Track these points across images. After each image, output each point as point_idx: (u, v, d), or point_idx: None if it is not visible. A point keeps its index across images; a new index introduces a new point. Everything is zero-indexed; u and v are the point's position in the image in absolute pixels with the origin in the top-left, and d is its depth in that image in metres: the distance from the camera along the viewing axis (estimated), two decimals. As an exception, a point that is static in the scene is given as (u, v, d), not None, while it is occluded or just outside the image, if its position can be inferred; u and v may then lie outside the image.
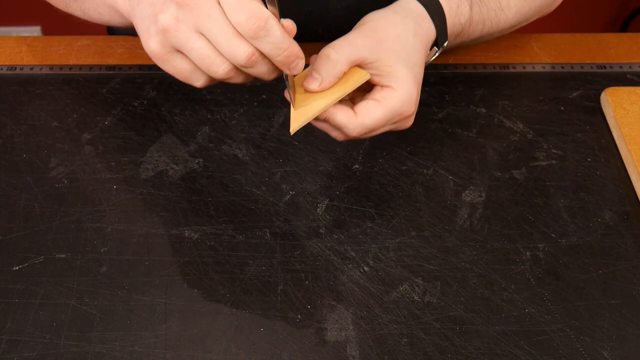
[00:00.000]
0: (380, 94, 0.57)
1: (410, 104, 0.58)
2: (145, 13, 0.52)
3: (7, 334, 0.54)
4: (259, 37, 0.48)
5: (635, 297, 0.57)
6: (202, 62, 0.51)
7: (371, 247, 0.60)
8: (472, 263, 0.59)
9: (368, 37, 0.58)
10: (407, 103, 0.58)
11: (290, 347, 0.54)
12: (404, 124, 0.60)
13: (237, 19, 0.48)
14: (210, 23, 0.49)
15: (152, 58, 0.53)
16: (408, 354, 0.53)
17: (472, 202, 0.64)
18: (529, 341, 0.54)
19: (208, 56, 0.50)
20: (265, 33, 0.48)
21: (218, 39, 0.49)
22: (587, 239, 0.61)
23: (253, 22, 0.48)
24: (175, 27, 0.50)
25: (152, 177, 0.66)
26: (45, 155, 0.68)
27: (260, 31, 0.48)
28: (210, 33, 0.49)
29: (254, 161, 0.67)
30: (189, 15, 0.49)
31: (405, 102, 0.57)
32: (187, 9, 0.49)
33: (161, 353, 0.53)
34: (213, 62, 0.51)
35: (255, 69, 0.51)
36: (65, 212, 0.63)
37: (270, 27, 0.48)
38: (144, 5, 0.52)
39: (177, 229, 0.61)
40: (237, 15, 0.48)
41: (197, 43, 0.50)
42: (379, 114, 0.57)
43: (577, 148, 0.69)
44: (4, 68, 0.77)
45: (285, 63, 0.51)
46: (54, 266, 0.59)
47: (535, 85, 0.76)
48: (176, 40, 0.51)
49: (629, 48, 0.81)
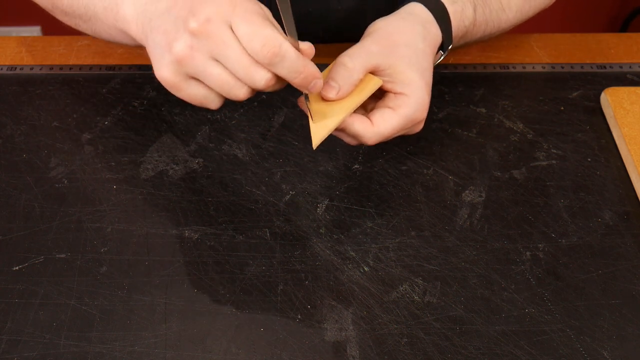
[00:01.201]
0: (395, 102, 0.57)
1: (423, 110, 0.58)
2: (158, 41, 0.52)
3: (7, 334, 0.54)
4: (275, 63, 0.49)
5: (635, 297, 0.57)
6: (221, 87, 0.51)
7: (371, 247, 0.60)
8: (472, 263, 0.59)
9: (380, 44, 0.59)
10: (420, 109, 0.58)
11: (290, 347, 0.54)
12: (415, 129, 0.61)
13: (252, 47, 0.48)
14: (226, 51, 0.49)
15: (165, 86, 0.53)
16: (408, 354, 0.53)
17: (472, 202, 0.64)
18: (529, 341, 0.54)
19: (227, 82, 0.51)
20: (281, 59, 0.49)
21: (235, 67, 0.50)
22: (587, 239, 0.61)
23: (268, 50, 0.48)
24: (190, 56, 0.50)
25: (152, 177, 0.66)
26: (45, 155, 0.68)
27: (276, 57, 0.48)
28: (227, 61, 0.49)
29: (254, 161, 0.67)
30: (204, 42, 0.49)
31: (418, 109, 0.58)
32: (201, 37, 0.49)
33: (161, 353, 0.53)
34: (233, 87, 0.51)
35: (274, 88, 0.52)
36: (65, 212, 0.63)
37: (284, 52, 0.48)
38: (157, 33, 0.52)
39: (177, 229, 0.61)
40: (252, 44, 0.48)
41: (215, 70, 0.50)
42: (394, 122, 0.57)
43: (577, 148, 0.69)
44: (4, 68, 0.78)
45: (303, 85, 0.51)
46: (54, 266, 0.59)
47: (535, 85, 0.76)
48: (192, 69, 0.51)
49: (629, 48, 0.81)
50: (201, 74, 0.51)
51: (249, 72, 0.49)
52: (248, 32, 0.48)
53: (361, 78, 0.57)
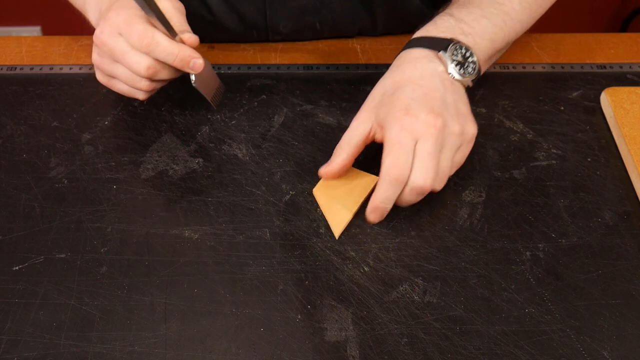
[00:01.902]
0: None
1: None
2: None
3: (7, 334, 0.54)
4: (152, 50, 0.61)
5: (635, 297, 0.57)
6: (127, 81, 0.64)
7: (371, 247, 0.60)
8: (472, 263, 0.59)
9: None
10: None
11: (290, 347, 0.54)
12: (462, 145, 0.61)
13: (132, 42, 0.61)
14: (117, 53, 0.62)
15: (104, 85, 0.68)
16: (408, 354, 0.53)
17: (472, 202, 0.64)
18: (529, 341, 0.54)
19: (129, 77, 0.64)
20: (155, 45, 0.61)
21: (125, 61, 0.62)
22: (587, 239, 0.61)
23: (143, 41, 0.61)
24: (101, 61, 0.65)
25: (152, 177, 0.66)
26: (45, 155, 0.68)
27: (151, 45, 0.61)
28: (121, 60, 0.63)
29: (254, 161, 0.67)
30: (104, 50, 0.63)
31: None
32: (101, 46, 0.63)
33: (161, 353, 0.53)
34: (135, 80, 0.64)
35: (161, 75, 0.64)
36: (65, 212, 0.63)
37: (157, 40, 0.61)
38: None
39: (177, 229, 0.61)
40: (132, 40, 0.61)
41: (119, 69, 0.64)
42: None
43: (577, 148, 0.69)
44: (4, 68, 0.78)
45: (183, 65, 0.63)
46: (54, 266, 0.59)
47: (535, 85, 0.76)
48: (106, 72, 0.65)
49: (629, 48, 0.81)
50: (114, 74, 0.65)
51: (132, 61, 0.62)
52: (127, 32, 0.61)
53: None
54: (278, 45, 0.81)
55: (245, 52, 0.80)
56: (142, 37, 0.61)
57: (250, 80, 0.76)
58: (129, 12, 0.62)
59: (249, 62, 0.79)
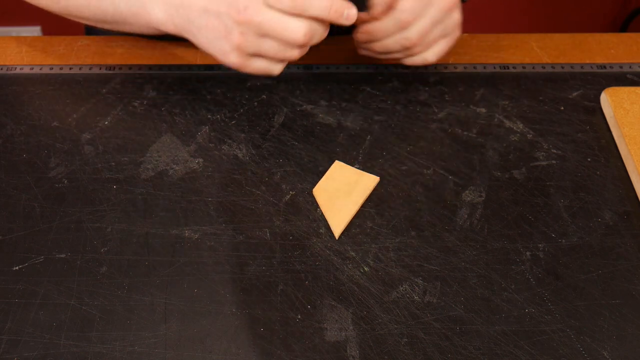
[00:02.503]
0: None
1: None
2: (212, 37, 0.62)
3: (7, 334, 0.54)
4: (306, 8, 0.58)
5: (635, 297, 0.57)
6: (276, 55, 0.62)
7: (371, 247, 0.60)
8: (472, 263, 0.59)
9: None
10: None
11: (290, 347, 0.54)
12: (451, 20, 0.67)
13: (284, 6, 0.58)
14: (266, 25, 0.59)
15: (234, 68, 0.64)
16: (408, 354, 0.53)
17: (472, 202, 0.64)
18: (529, 341, 0.54)
19: (279, 49, 0.61)
20: (310, 3, 0.58)
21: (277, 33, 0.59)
22: (587, 239, 0.61)
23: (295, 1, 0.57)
24: (245, 40, 0.60)
25: (152, 177, 0.66)
26: (45, 155, 0.68)
27: (305, 3, 0.58)
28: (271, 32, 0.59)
29: (254, 161, 0.67)
30: (250, 26, 0.59)
31: None
32: (246, 23, 0.59)
33: (161, 353, 0.53)
34: (285, 51, 0.61)
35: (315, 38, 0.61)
36: (65, 212, 0.63)
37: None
38: (207, 31, 0.62)
39: (177, 229, 0.61)
40: (283, 4, 0.58)
41: (267, 44, 0.60)
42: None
43: (577, 148, 0.69)
44: (4, 68, 0.78)
45: (338, 17, 0.60)
46: (54, 266, 0.59)
47: (535, 85, 0.76)
48: (251, 49, 0.61)
49: (629, 48, 0.81)
50: (258, 51, 0.61)
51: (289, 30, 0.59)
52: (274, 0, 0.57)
53: None
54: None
55: (245, 52, 0.80)
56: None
57: (250, 80, 0.76)
58: None
59: (249, 62, 0.79)
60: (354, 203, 0.63)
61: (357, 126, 0.71)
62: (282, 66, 0.64)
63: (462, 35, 0.83)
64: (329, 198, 0.63)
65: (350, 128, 0.71)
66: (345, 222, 0.62)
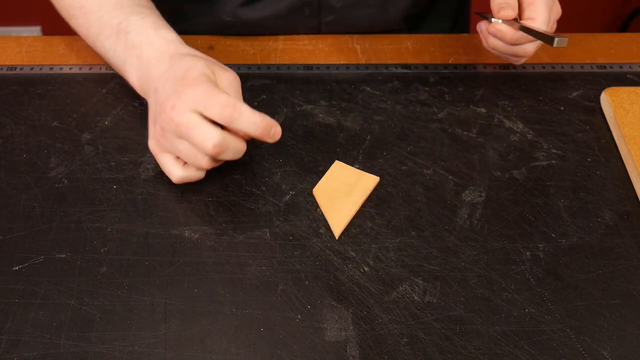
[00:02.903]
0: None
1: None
2: (150, 116, 0.63)
3: (7, 334, 0.54)
4: (235, 119, 0.57)
5: (635, 297, 0.57)
6: (187, 158, 0.60)
7: (371, 247, 0.60)
8: (472, 263, 0.59)
9: None
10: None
11: (290, 347, 0.54)
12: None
13: (212, 113, 0.57)
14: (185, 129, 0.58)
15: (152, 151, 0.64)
16: (408, 354, 0.53)
17: (472, 202, 0.64)
18: (529, 341, 0.54)
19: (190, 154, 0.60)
20: (239, 114, 0.57)
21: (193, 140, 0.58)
22: (587, 239, 0.61)
23: (226, 109, 0.57)
24: (162, 135, 0.60)
25: (152, 177, 0.66)
26: (45, 155, 0.68)
27: (234, 114, 0.57)
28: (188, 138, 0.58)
29: (254, 161, 0.67)
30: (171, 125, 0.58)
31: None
32: (169, 121, 0.58)
33: (161, 353, 0.53)
34: (195, 157, 0.60)
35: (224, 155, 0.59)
36: (65, 212, 0.63)
37: (240, 109, 0.57)
38: (149, 109, 0.63)
39: (177, 229, 0.61)
40: (213, 110, 0.57)
41: (181, 145, 0.59)
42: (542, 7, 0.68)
43: (577, 148, 0.69)
44: (4, 68, 0.78)
45: (264, 134, 0.59)
46: (54, 266, 0.59)
47: (535, 85, 0.76)
48: (165, 146, 0.61)
49: (629, 48, 0.81)
50: (172, 149, 0.61)
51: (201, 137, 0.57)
52: (208, 104, 0.57)
53: None
54: (278, 45, 0.81)
55: (245, 52, 0.80)
56: (225, 106, 0.57)
57: (250, 80, 0.76)
58: (208, 85, 0.58)
59: (249, 62, 0.79)
60: (354, 203, 0.63)
61: (357, 126, 0.71)
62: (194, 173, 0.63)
63: (462, 35, 0.83)
64: (329, 198, 0.63)
65: (350, 128, 0.71)
66: (345, 222, 0.62)
